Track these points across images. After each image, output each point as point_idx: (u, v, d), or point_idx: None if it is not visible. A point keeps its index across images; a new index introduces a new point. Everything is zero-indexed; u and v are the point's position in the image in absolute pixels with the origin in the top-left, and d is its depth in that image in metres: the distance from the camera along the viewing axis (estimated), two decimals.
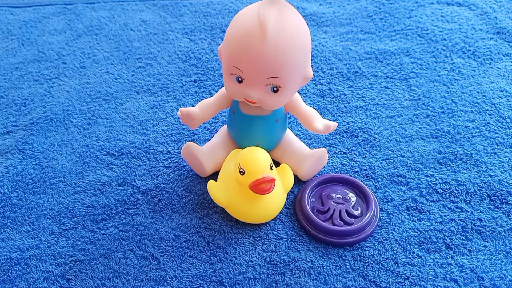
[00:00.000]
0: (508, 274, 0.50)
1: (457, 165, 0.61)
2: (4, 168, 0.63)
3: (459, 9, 0.91)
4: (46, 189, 0.60)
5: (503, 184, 0.59)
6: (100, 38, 0.86)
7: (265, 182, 0.50)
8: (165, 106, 0.72)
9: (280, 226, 0.55)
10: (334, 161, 0.62)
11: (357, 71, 0.77)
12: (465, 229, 0.54)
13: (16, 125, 0.69)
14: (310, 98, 0.72)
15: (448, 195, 0.58)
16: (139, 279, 0.50)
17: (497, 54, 0.80)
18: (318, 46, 0.82)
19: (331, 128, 0.54)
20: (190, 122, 0.55)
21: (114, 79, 0.77)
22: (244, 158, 0.51)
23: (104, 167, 0.62)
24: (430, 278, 0.50)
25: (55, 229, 0.55)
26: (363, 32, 0.86)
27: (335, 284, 0.49)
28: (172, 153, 0.64)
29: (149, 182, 0.60)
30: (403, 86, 0.74)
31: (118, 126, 0.68)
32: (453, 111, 0.69)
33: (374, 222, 0.54)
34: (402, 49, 0.81)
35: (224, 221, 0.55)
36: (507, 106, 0.70)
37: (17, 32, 0.89)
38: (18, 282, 0.50)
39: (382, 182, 0.59)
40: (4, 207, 0.58)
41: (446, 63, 0.78)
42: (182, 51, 0.82)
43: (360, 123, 0.68)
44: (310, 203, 0.55)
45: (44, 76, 0.78)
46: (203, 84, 0.75)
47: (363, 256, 0.52)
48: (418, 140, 0.65)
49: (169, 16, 0.92)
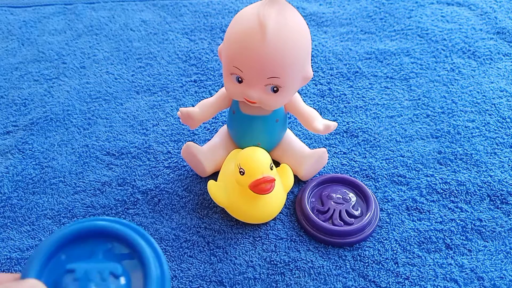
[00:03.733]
0: (508, 274, 0.50)
1: (457, 165, 0.61)
2: (4, 168, 0.63)
3: (459, 9, 0.91)
4: (46, 189, 0.60)
5: (503, 184, 0.59)
6: (100, 38, 0.86)
7: (265, 182, 0.50)
8: (165, 106, 0.72)
9: (280, 226, 0.55)
10: (334, 161, 0.62)
11: (357, 71, 0.77)
12: (465, 229, 0.54)
13: (16, 125, 0.69)
14: (310, 98, 0.72)
15: (448, 195, 0.58)
16: None
17: (497, 54, 0.80)
18: (318, 46, 0.82)
19: (331, 128, 0.54)
20: (190, 122, 0.55)
21: (114, 79, 0.77)
22: (244, 158, 0.51)
23: (104, 167, 0.62)
24: (430, 278, 0.50)
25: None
26: (363, 32, 0.86)
27: (335, 284, 0.49)
28: (172, 153, 0.64)
29: (149, 182, 0.60)
30: (403, 86, 0.74)
31: (118, 126, 0.68)
32: (453, 111, 0.69)
33: (374, 222, 0.54)
34: (402, 49, 0.81)
35: (224, 221, 0.55)
36: (507, 106, 0.70)
37: (17, 32, 0.89)
38: None
39: (382, 182, 0.59)
40: (4, 207, 0.58)
41: (446, 63, 0.78)
42: (182, 51, 0.82)
43: (360, 123, 0.68)
44: (310, 203, 0.55)
45: (44, 76, 0.78)
46: (203, 84, 0.75)
47: (363, 256, 0.52)
48: (418, 140, 0.65)
49: (169, 16, 0.92)
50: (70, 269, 0.27)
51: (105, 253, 0.28)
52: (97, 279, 0.27)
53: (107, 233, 0.28)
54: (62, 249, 0.28)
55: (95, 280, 0.26)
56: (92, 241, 0.28)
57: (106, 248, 0.28)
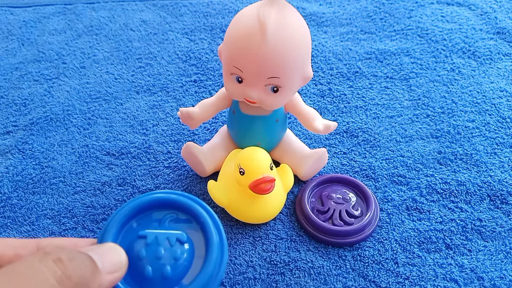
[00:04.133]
0: (508, 274, 0.50)
1: (457, 165, 0.61)
2: (4, 168, 0.63)
3: (459, 9, 0.91)
4: (46, 189, 0.60)
5: (503, 184, 0.59)
6: (100, 38, 0.86)
7: (265, 182, 0.50)
8: (165, 106, 0.72)
9: (280, 226, 0.55)
10: (334, 161, 0.62)
11: (357, 71, 0.77)
12: (465, 229, 0.54)
13: (16, 125, 0.69)
14: (310, 98, 0.72)
15: (448, 195, 0.58)
16: None
17: (497, 54, 0.80)
18: (318, 46, 0.82)
19: (331, 128, 0.54)
20: (190, 122, 0.55)
21: (114, 79, 0.77)
22: (244, 158, 0.51)
23: (104, 167, 0.62)
24: (430, 278, 0.50)
25: (55, 229, 0.55)
26: (363, 32, 0.86)
27: (335, 284, 0.49)
28: (172, 153, 0.64)
29: (149, 182, 0.60)
30: (403, 86, 0.74)
31: (118, 126, 0.68)
32: (453, 111, 0.69)
33: (374, 222, 0.54)
34: (402, 49, 0.81)
35: (224, 221, 0.55)
36: (507, 106, 0.70)
37: (17, 32, 0.89)
38: None
39: (382, 182, 0.59)
40: (4, 207, 0.58)
41: (446, 63, 0.78)
42: (182, 51, 0.82)
43: (360, 123, 0.68)
44: (310, 203, 0.55)
45: (44, 76, 0.78)
46: (203, 84, 0.75)
47: (363, 256, 0.52)
48: (418, 140, 0.65)
49: (169, 16, 0.92)
50: (141, 235, 0.30)
51: (171, 222, 0.32)
52: (166, 244, 0.30)
53: (173, 204, 0.32)
54: (133, 217, 0.32)
55: (164, 245, 0.30)
56: (159, 211, 0.32)
57: (172, 217, 0.32)
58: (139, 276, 0.29)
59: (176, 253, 0.30)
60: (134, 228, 0.31)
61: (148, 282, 0.29)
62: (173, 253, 0.30)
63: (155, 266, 0.29)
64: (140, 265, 0.29)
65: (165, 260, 0.29)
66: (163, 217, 0.32)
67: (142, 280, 0.29)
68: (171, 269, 0.29)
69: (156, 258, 0.29)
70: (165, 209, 0.32)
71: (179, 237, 0.30)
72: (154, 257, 0.29)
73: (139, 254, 0.29)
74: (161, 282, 0.29)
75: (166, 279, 0.29)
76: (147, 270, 0.29)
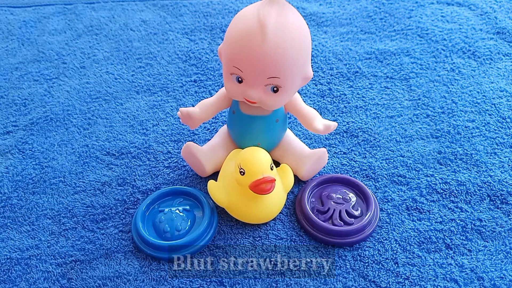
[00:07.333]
0: (508, 274, 0.50)
1: (457, 165, 0.61)
2: (4, 168, 0.63)
3: (459, 9, 0.91)
4: (46, 189, 0.60)
5: (503, 184, 0.59)
6: (100, 38, 0.86)
7: (265, 182, 0.50)
8: (165, 106, 0.72)
9: (280, 226, 0.55)
10: (334, 161, 0.62)
11: (357, 71, 0.77)
12: (465, 229, 0.54)
13: (16, 125, 0.69)
14: (310, 98, 0.72)
15: (448, 195, 0.58)
16: (140, 279, 0.50)
17: (497, 54, 0.80)
18: (318, 46, 0.82)
19: (331, 128, 0.54)
20: (190, 122, 0.55)
21: (114, 79, 0.77)
22: (244, 158, 0.51)
23: (104, 167, 0.62)
24: (430, 278, 0.50)
25: (55, 229, 0.55)
26: (363, 32, 0.86)
27: (335, 284, 0.49)
28: (172, 153, 0.64)
29: (149, 182, 0.60)
30: (403, 86, 0.74)
31: (118, 126, 0.68)
32: (453, 111, 0.69)
33: (374, 222, 0.54)
34: (402, 49, 0.81)
35: (224, 221, 0.55)
36: (507, 106, 0.70)
37: (17, 32, 0.89)
38: (18, 282, 0.50)
39: (382, 182, 0.59)
40: (4, 207, 0.58)
41: (446, 63, 0.78)
42: (182, 51, 0.82)
43: (360, 123, 0.68)
44: (310, 203, 0.55)
45: (44, 76, 0.78)
46: (203, 84, 0.75)
47: (363, 256, 0.52)
48: (418, 140, 0.65)
49: (169, 16, 0.92)
50: (161, 210, 0.55)
51: (180, 202, 0.56)
52: (176, 213, 0.54)
53: (181, 192, 0.57)
54: (155, 202, 0.56)
55: (175, 213, 0.54)
56: (172, 197, 0.57)
57: (180, 199, 0.56)
58: (161, 232, 0.52)
59: (183, 217, 0.54)
60: (156, 208, 0.55)
61: (167, 234, 0.52)
62: (180, 217, 0.53)
63: (170, 224, 0.53)
64: (161, 226, 0.53)
65: (177, 221, 0.53)
66: (174, 200, 0.56)
67: (163, 233, 0.52)
68: (180, 226, 0.52)
69: (171, 220, 0.53)
70: (176, 195, 0.57)
71: (185, 209, 0.55)
72: (170, 219, 0.53)
73: (160, 219, 0.53)
74: (175, 233, 0.52)
75: (178, 231, 0.52)
76: (165, 228, 0.52)
